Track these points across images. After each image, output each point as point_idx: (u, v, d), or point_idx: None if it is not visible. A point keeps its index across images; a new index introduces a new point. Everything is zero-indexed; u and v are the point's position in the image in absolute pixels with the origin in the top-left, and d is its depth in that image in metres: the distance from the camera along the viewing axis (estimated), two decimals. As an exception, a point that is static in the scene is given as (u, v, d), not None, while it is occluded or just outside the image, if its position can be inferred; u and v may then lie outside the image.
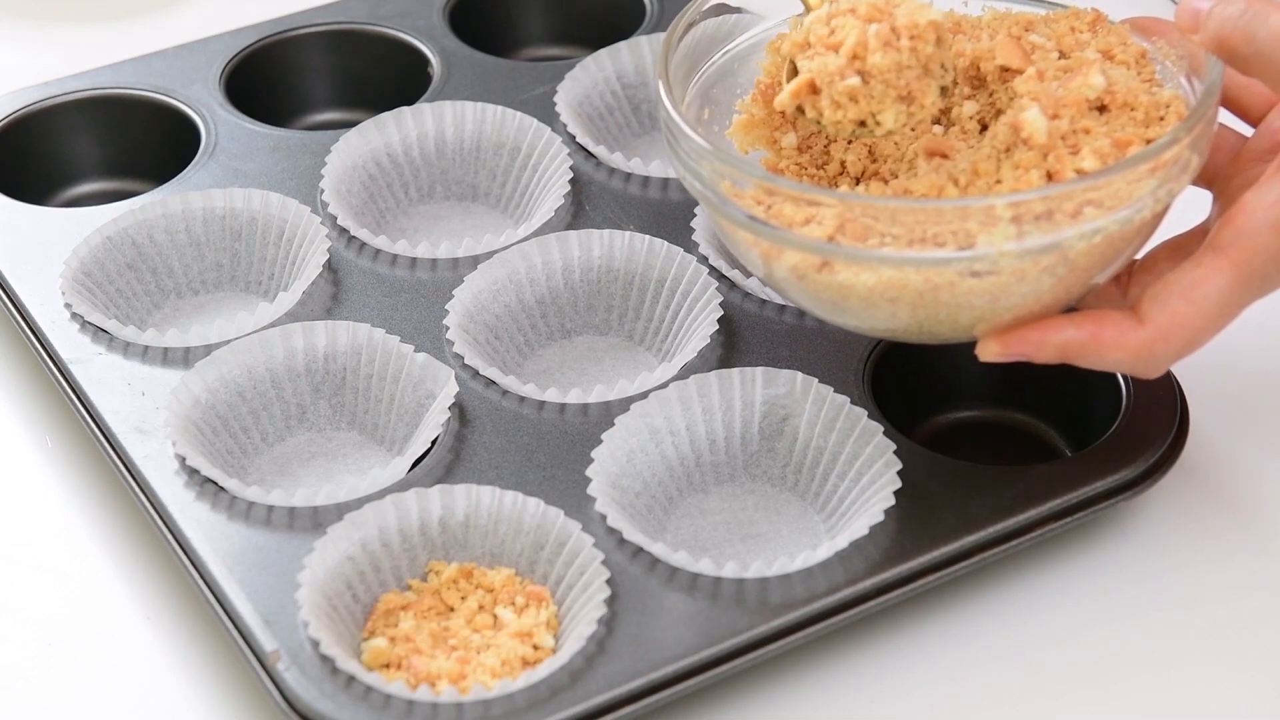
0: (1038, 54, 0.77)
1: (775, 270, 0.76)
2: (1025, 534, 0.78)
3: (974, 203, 0.71)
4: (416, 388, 0.84)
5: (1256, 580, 0.80)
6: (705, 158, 0.75)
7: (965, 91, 0.79)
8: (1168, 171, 0.73)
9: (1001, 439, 0.86)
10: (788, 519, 0.81)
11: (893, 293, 0.73)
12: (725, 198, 0.75)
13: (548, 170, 0.96)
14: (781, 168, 0.80)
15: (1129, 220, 0.72)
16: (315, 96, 1.07)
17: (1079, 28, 0.79)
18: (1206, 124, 0.74)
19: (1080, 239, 0.72)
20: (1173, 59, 0.78)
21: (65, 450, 0.87)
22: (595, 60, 1.02)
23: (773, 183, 0.74)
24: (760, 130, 0.81)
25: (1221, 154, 0.79)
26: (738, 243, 0.77)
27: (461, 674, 0.74)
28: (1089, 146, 0.73)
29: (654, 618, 0.75)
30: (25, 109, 1.01)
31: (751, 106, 0.81)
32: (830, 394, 0.82)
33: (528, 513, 0.78)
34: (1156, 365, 0.75)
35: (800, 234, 0.73)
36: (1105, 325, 0.74)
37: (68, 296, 0.88)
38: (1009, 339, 0.75)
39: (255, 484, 0.82)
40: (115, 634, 0.79)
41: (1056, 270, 0.73)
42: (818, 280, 0.74)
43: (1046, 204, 0.71)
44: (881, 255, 0.72)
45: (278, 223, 0.92)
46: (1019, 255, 0.71)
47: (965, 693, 0.76)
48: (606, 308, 0.90)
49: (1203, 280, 0.73)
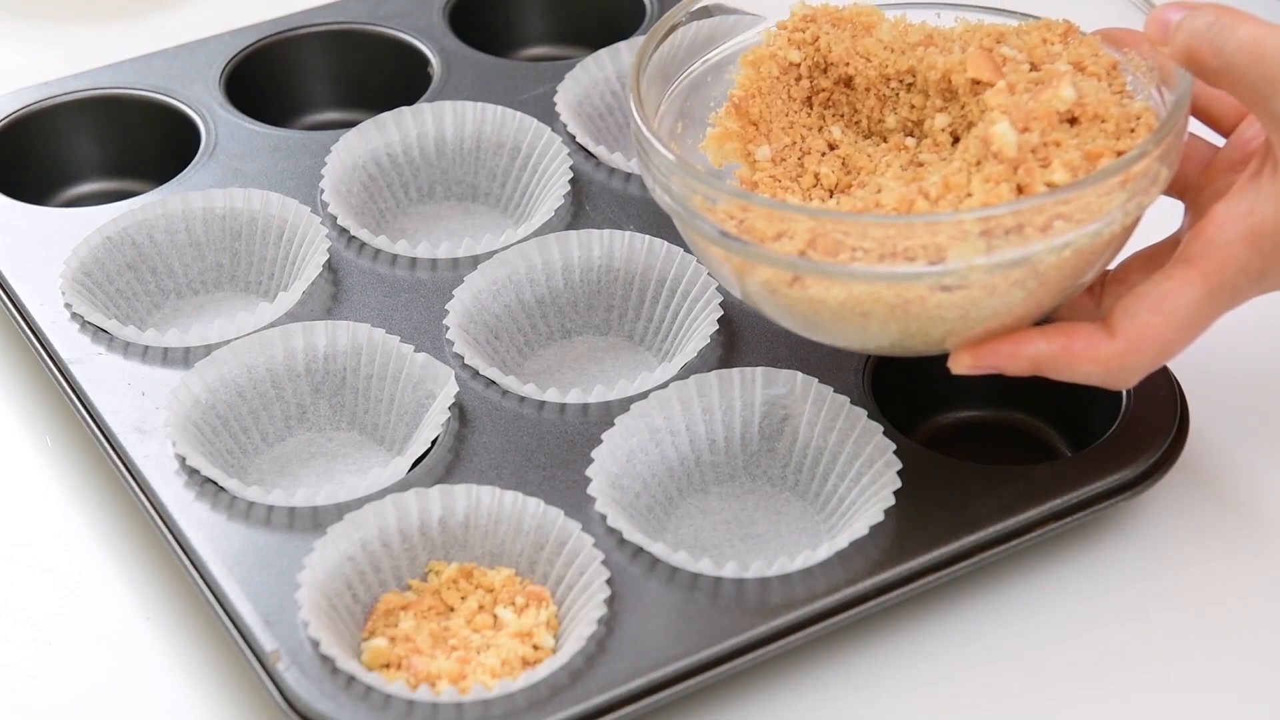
0: (1009, 66, 0.77)
1: (748, 285, 0.76)
2: (1025, 534, 0.78)
3: (944, 218, 0.71)
4: (416, 388, 0.84)
5: (1256, 580, 0.80)
6: (675, 172, 0.75)
7: (937, 104, 0.80)
8: (1137, 184, 0.73)
9: (1001, 439, 0.86)
10: (788, 519, 0.81)
11: (864, 307, 0.73)
12: (696, 212, 0.75)
13: (548, 170, 0.96)
14: (755, 180, 0.80)
15: (1099, 234, 0.72)
16: (315, 96, 1.07)
17: (1050, 39, 0.79)
18: (1175, 136, 0.74)
19: (1050, 253, 0.72)
20: (1144, 70, 0.78)
21: (65, 450, 0.87)
22: (595, 60, 1.02)
23: (744, 198, 0.74)
24: (734, 143, 0.81)
25: (1193, 164, 0.79)
26: (710, 258, 0.77)
27: (461, 674, 0.74)
28: (1059, 159, 0.73)
29: (654, 618, 0.75)
30: (25, 109, 1.01)
31: (725, 119, 0.81)
32: (830, 394, 0.82)
33: (528, 513, 0.78)
34: (1127, 377, 0.75)
35: (771, 249, 0.73)
36: (1076, 338, 0.74)
37: (68, 296, 0.88)
38: (981, 352, 0.75)
39: (255, 484, 0.82)
40: (115, 634, 0.79)
41: (1027, 284, 0.73)
42: (789, 295, 0.74)
43: (1016, 218, 0.71)
44: (852, 270, 0.72)
45: (278, 223, 0.92)
46: (989, 270, 0.71)
47: (965, 693, 0.76)
48: (606, 308, 0.90)
49: (1173, 292, 0.73)
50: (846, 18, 0.82)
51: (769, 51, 0.81)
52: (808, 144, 0.81)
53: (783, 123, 0.81)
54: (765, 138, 0.81)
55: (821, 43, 0.81)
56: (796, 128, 0.81)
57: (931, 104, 0.80)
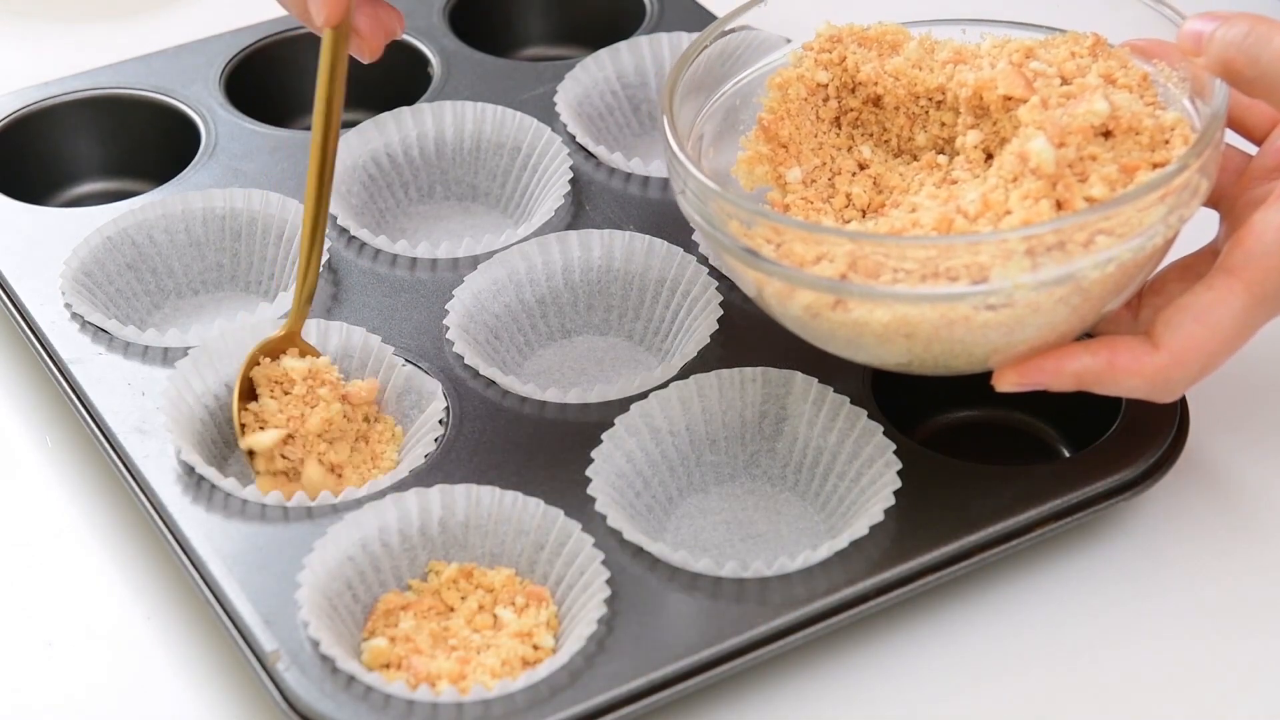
0: (1040, 81, 0.77)
1: (789, 309, 0.75)
2: (1025, 534, 0.78)
3: (987, 237, 0.71)
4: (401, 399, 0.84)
5: (1256, 580, 0.80)
6: (712, 198, 0.75)
7: (968, 121, 0.79)
8: (1178, 197, 0.73)
9: (1001, 439, 0.86)
10: (788, 519, 0.81)
11: (907, 329, 0.73)
12: (734, 238, 0.75)
13: (548, 170, 0.96)
14: (787, 203, 0.80)
15: (1141, 248, 0.72)
16: (315, 96, 1.07)
17: (1079, 52, 0.79)
18: (1214, 148, 0.74)
19: (1094, 268, 0.72)
20: (1175, 81, 0.78)
21: (65, 450, 0.87)
22: (595, 60, 1.02)
23: (782, 222, 0.74)
24: (764, 166, 0.81)
25: (1227, 174, 0.79)
26: (748, 283, 0.77)
27: (461, 674, 0.74)
28: (1096, 174, 0.73)
29: (654, 617, 0.75)
30: (25, 109, 1.01)
31: (754, 143, 0.81)
32: (830, 394, 0.82)
33: (528, 513, 0.78)
34: (1172, 390, 0.75)
35: (812, 273, 0.73)
36: (1120, 352, 0.74)
37: (68, 296, 0.88)
38: (1026, 369, 0.75)
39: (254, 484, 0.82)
40: (115, 634, 0.79)
41: (1071, 300, 0.73)
42: (832, 318, 0.74)
43: (1059, 235, 0.71)
44: (896, 292, 0.72)
45: (278, 223, 0.92)
46: (1034, 288, 0.71)
47: (965, 692, 0.76)
48: (606, 308, 0.90)
49: (1216, 303, 0.73)
50: (873, 37, 0.82)
51: (796, 73, 0.81)
52: (838, 164, 0.81)
53: (812, 144, 0.81)
54: (795, 159, 0.81)
55: (849, 63, 0.81)
56: (826, 148, 0.81)
57: (963, 121, 0.79)
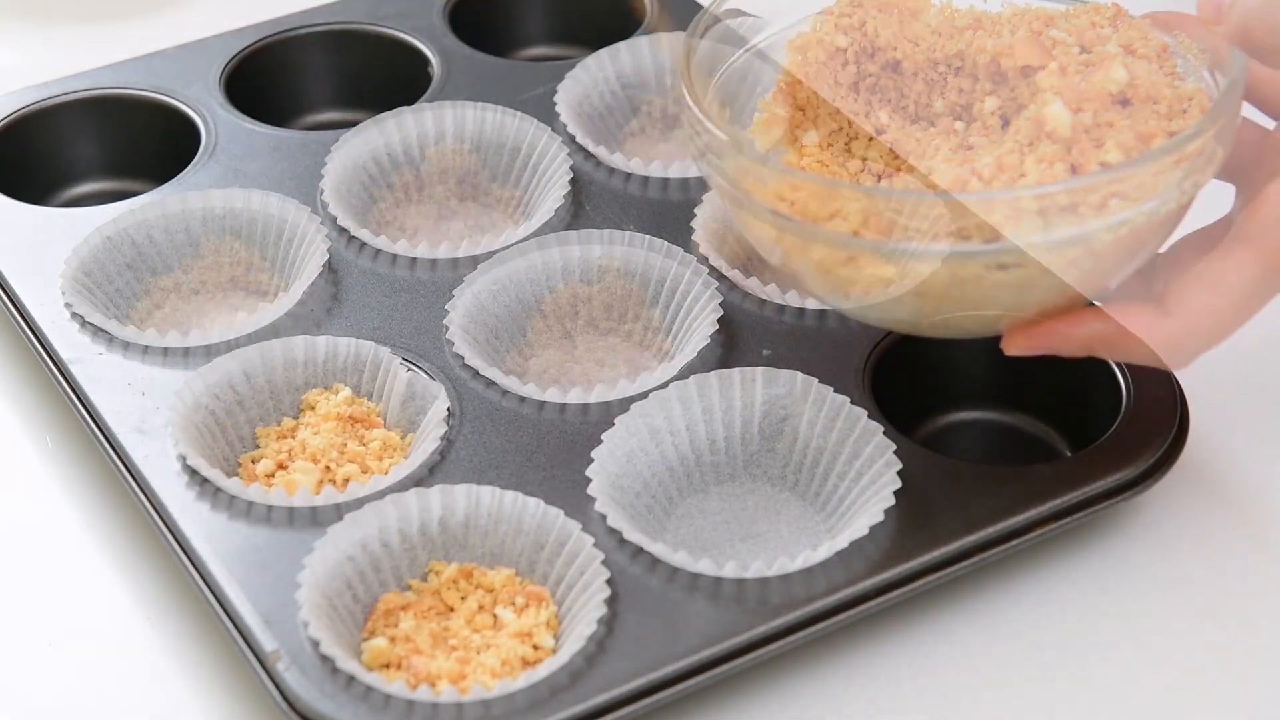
0: (1059, 49, 0.77)
1: (800, 265, 0.75)
2: (1025, 534, 0.78)
3: (1000, 195, 0.71)
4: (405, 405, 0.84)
5: (1256, 580, 0.80)
6: (728, 153, 0.75)
7: (986, 87, 0.79)
8: (1193, 163, 0.73)
9: (1001, 439, 0.86)
10: (788, 519, 0.81)
11: (919, 286, 0.73)
12: (748, 193, 0.75)
13: (548, 170, 0.96)
14: (803, 165, 0.80)
15: (1154, 212, 0.72)
16: (315, 96, 1.07)
17: (1099, 22, 0.79)
18: (1231, 116, 0.74)
19: (1107, 231, 0.72)
20: (1194, 53, 0.78)
21: (65, 450, 0.87)
22: (595, 60, 1.02)
23: (797, 176, 0.74)
24: (781, 128, 0.81)
25: (1244, 147, 0.79)
26: (761, 238, 0.77)
27: (461, 674, 0.74)
28: (1112, 139, 0.73)
29: (654, 618, 0.75)
30: (25, 109, 1.01)
31: (773, 105, 0.81)
32: (830, 394, 0.82)
33: (528, 513, 0.78)
34: (1184, 356, 0.74)
35: (825, 228, 0.73)
36: (1131, 318, 0.74)
37: (68, 296, 0.88)
38: (1036, 333, 0.75)
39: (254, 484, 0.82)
40: (115, 634, 0.79)
41: (1083, 263, 0.72)
42: (842, 275, 0.74)
43: (1072, 196, 0.71)
44: (908, 249, 0.72)
45: (277, 223, 0.92)
46: (1046, 248, 0.71)
47: (966, 692, 0.76)
48: (606, 307, 0.90)
49: (1229, 271, 0.73)
50: (893, 3, 0.82)
51: (816, 37, 0.81)
52: (855, 129, 0.81)
53: (829, 108, 0.81)
54: (812, 123, 0.80)
55: (869, 28, 0.81)
56: (843, 113, 0.81)
57: (980, 87, 0.79)
